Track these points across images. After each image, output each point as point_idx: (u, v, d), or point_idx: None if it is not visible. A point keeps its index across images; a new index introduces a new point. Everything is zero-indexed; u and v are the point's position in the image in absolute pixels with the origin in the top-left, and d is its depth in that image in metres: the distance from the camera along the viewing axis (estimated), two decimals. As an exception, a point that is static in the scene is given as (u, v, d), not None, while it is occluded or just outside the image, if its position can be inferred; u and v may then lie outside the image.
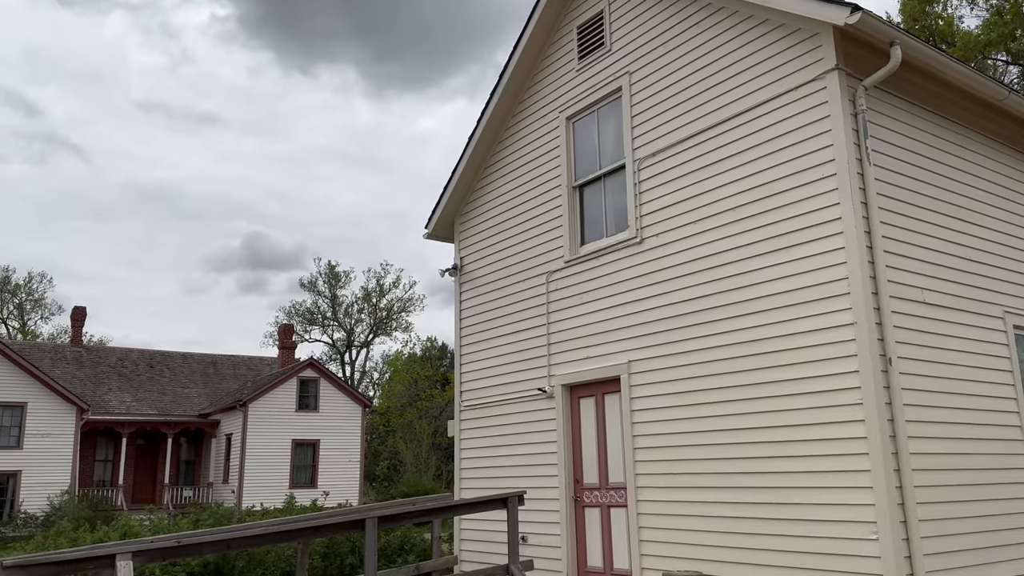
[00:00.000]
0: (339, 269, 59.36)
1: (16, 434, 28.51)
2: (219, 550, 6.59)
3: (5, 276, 56.16)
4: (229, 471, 33.46)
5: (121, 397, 33.88)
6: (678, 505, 8.13)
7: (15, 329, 56.09)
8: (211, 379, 38.04)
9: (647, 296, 8.79)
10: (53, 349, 36.86)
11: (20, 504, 27.80)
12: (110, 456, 34.16)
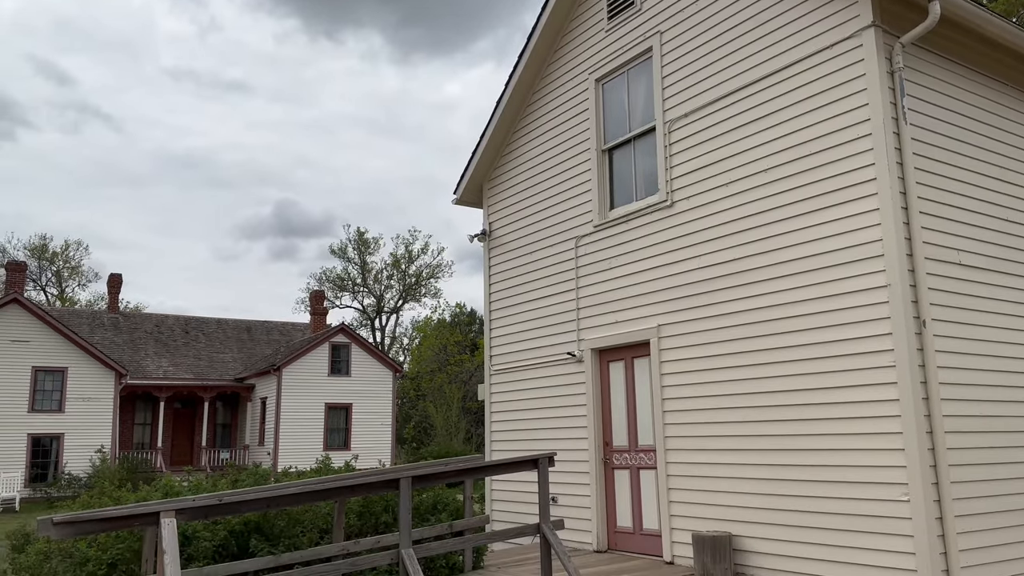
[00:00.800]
0: (368, 236, 59.79)
1: (58, 398, 29.34)
2: (259, 508, 6.76)
3: (43, 244, 57.30)
4: (264, 434, 34.21)
5: (158, 362, 34.66)
6: (707, 467, 8.19)
7: (54, 296, 57.37)
8: (245, 344, 38.72)
9: (677, 260, 8.77)
10: (91, 315, 37.69)
11: (64, 466, 28.71)
12: (148, 420, 35.06)
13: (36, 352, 28.95)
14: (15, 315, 28.85)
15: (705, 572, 7.54)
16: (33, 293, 53.51)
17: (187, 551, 6.87)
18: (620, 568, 8.22)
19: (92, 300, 58.07)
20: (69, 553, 6.85)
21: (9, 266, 31.18)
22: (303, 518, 7.86)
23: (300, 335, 40.24)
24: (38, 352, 28.99)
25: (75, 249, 58.99)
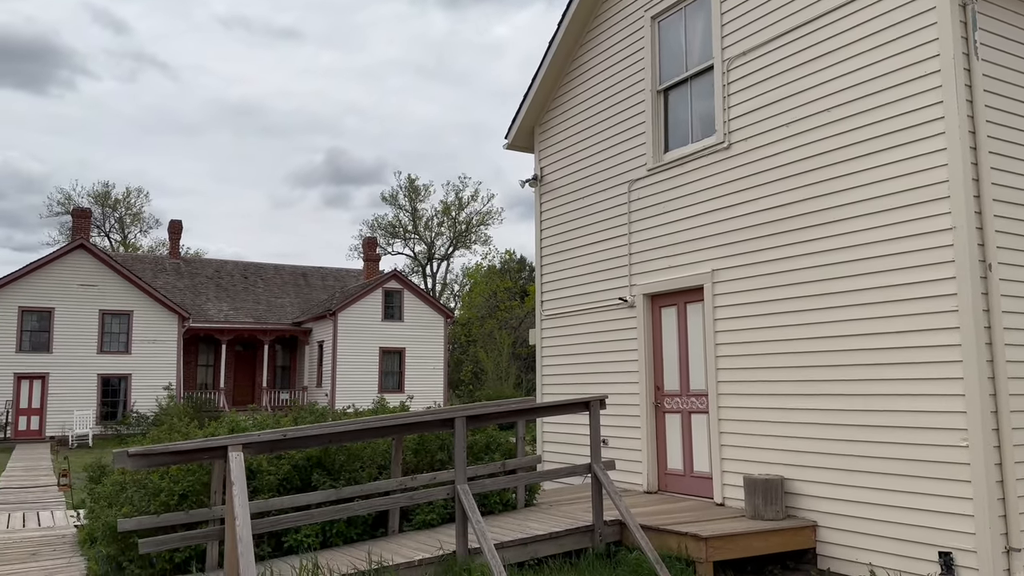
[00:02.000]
0: (419, 183, 59.99)
1: (125, 340, 30.53)
2: (321, 444, 7.02)
3: (105, 191, 58.95)
4: (322, 376, 35.19)
5: (219, 306, 35.71)
6: (760, 412, 8.18)
7: (117, 242, 59.20)
8: (302, 289, 39.58)
9: (733, 204, 8.63)
10: (153, 261, 38.87)
11: (132, 404, 30.02)
12: (211, 361, 36.33)
13: (103, 296, 30.06)
14: (82, 260, 29.92)
15: (756, 514, 7.60)
16: (98, 239, 55.29)
17: (252, 484, 7.19)
18: (670, 508, 8.34)
19: (154, 246, 59.78)
20: (143, 484, 7.23)
21: (75, 212, 32.22)
22: (362, 454, 8.13)
23: (354, 281, 40.93)
24: (105, 296, 30.10)
25: (136, 196, 60.59)
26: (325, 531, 7.36)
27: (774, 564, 7.43)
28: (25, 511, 11.42)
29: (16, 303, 28.58)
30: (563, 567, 7.17)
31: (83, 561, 7.54)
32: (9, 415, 27.91)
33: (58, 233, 57.39)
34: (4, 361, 28.21)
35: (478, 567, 6.58)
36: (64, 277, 29.47)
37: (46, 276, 29.22)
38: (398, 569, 6.49)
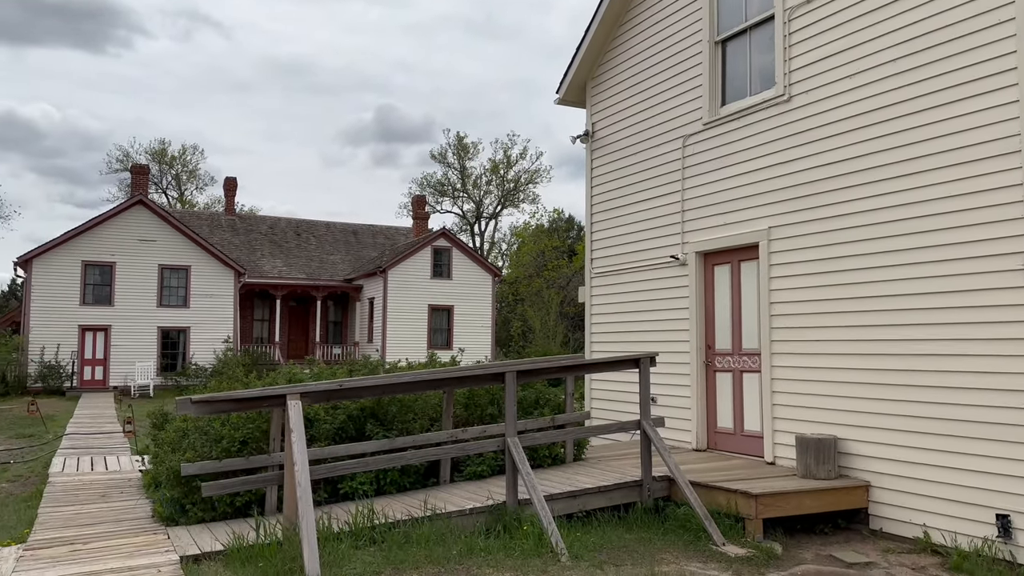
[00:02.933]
0: (467, 141, 59.76)
1: (183, 294, 31.37)
2: (375, 394, 7.18)
3: (162, 149, 60.12)
4: (372, 332, 35.78)
5: (273, 262, 36.41)
6: (814, 371, 8.07)
7: (174, 199, 60.51)
8: (352, 247, 40.06)
9: (793, 158, 8.41)
10: (209, 217, 39.68)
11: (191, 357, 30.96)
12: (266, 316, 37.18)
13: (161, 251, 30.86)
14: (141, 216, 30.69)
15: (807, 473, 7.54)
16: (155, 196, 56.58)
17: (309, 433, 7.39)
18: (720, 466, 8.33)
19: (209, 203, 60.95)
20: (204, 431, 7.49)
21: (133, 169, 32.97)
22: (414, 406, 8.28)
23: (403, 239, 41.25)
24: (163, 251, 30.90)
25: (192, 153, 61.65)
26: (379, 479, 7.55)
27: (825, 523, 7.40)
28: (93, 456, 11.93)
29: (79, 257, 29.52)
30: (611, 520, 7.25)
31: (148, 503, 7.88)
32: (75, 365, 29.05)
33: (117, 190, 58.93)
34: (69, 313, 29.27)
35: (528, 517, 6.69)
36: (124, 232, 30.30)
37: (107, 231, 30.08)
38: (450, 516, 6.64)
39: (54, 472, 10.24)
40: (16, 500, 9.50)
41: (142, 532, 6.58)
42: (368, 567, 5.63)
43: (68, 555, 5.82)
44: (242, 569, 5.57)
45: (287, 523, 6.12)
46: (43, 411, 20.74)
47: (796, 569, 6.10)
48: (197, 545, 6.08)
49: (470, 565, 5.79)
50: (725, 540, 6.63)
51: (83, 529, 6.73)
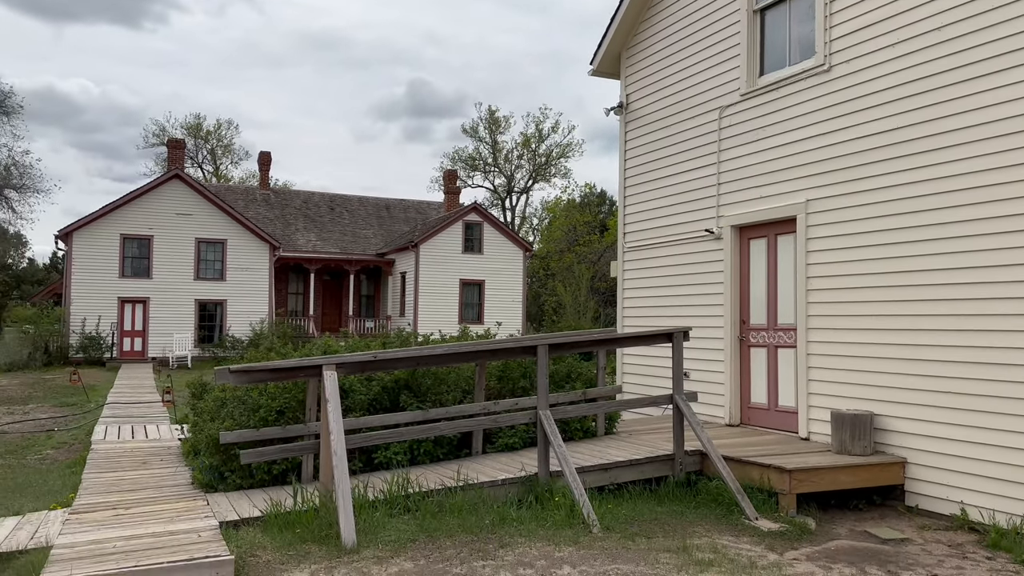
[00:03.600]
0: (499, 114, 59.48)
1: (219, 268, 31.81)
2: (409, 366, 7.23)
3: (197, 123, 60.71)
4: (404, 306, 36.03)
5: (307, 236, 36.74)
6: (851, 346, 7.96)
7: (209, 173, 61.19)
8: (385, 221, 40.25)
9: (832, 130, 8.24)
10: (245, 192, 40.08)
11: (228, 329, 31.46)
12: (300, 289, 37.61)
13: (198, 224, 31.27)
14: (177, 190, 31.08)
15: (843, 448, 7.47)
16: (191, 170, 57.23)
17: (344, 403, 7.48)
18: (753, 441, 8.28)
19: (244, 177, 61.57)
20: (242, 400, 7.61)
21: (169, 143, 33.35)
22: (447, 378, 8.33)
23: (435, 213, 41.33)
24: (200, 225, 31.31)
25: (226, 128, 62.18)
26: (413, 449, 7.64)
27: (859, 499, 7.34)
28: (133, 424, 12.22)
29: (118, 231, 30.03)
30: (643, 493, 7.26)
31: (188, 471, 8.05)
32: (115, 337, 29.69)
33: (154, 164, 59.72)
34: (108, 286, 29.85)
35: (559, 489, 6.73)
36: (161, 206, 30.73)
37: (144, 205, 30.52)
38: (483, 487, 6.69)
39: (96, 439, 10.51)
40: (61, 466, 9.79)
41: (182, 498, 6.73)
42: (402, 534, 5.71)
43: (111, 519, 5.98)
44: (280, 535, 5.68)
45: (323, 490, 6.22)
46: (84, 381, 21.28)
47: (830, 544, 6.07)
48: (236, 511, 6.21)
49: (503, 534, 5.85)
50: (758, 515, 6.61)
51: (125, 494, 6.91)
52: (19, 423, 14.20)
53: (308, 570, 5.07)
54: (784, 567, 5.36)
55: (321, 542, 5.55)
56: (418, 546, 5.55)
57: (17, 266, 60.45)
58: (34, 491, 7.95)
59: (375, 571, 5.05)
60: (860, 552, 5.88)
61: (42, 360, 27.77)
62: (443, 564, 5.21)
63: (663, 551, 5.59)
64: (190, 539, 5.32)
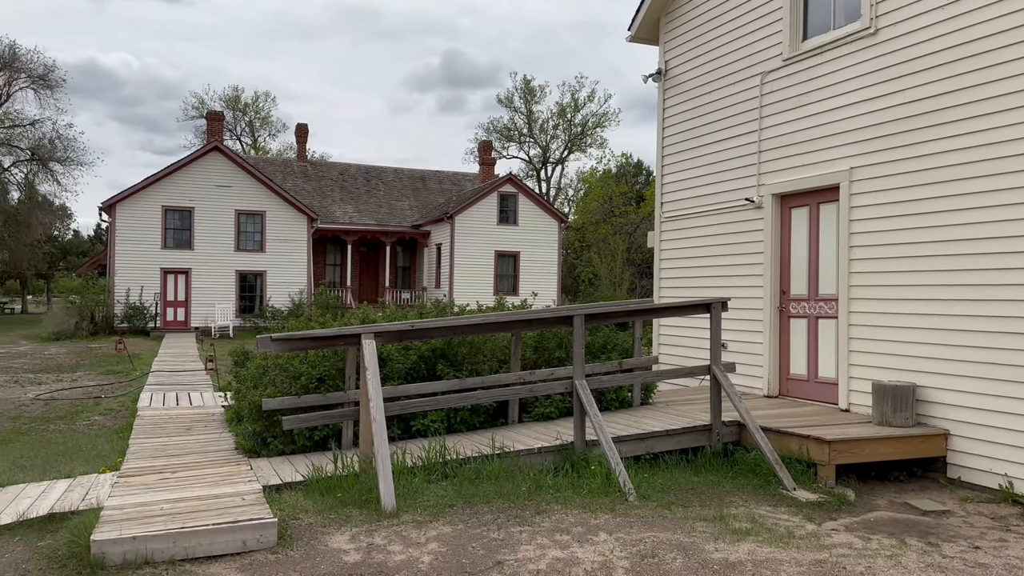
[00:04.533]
0: (534, 84, 58.95)
1: (259, 239, 32.25)
2: (446, 335, 7.28)
3: (235, 96, 61.24)
4: (440, 277, 36.22)
5: (344, 208, 37.02)
6: (894, 317, 7.81)
7: (248, 145, 61.81)
8: (420, 193, 40.36)
9: (878, 95, 8.02)
10: (282, 164, 40.43)
11: (268, 300, 31.96)
12: (338, 261, 38.00)
13: (237, 196, 31.67)
14: (217, 162, 31.47)
15: (883, 420, 7.38)
16: (230, 142, 57.86)
17: (382, 372, 7.56)
18: (792, 412, 8.21)
19: (282, 149, 62.10)
20: (284, 368, 7.75)
21: (208, 116, 33.71)
22: (483, 348, 8.38)
23: (470, 185, 41.30)
24: (239, 196, 31.70)
25: (264, 100, 62.65)
26: (450, 418, 7.72)
27: (900, 471, 7.26)
28: (178, 392, 12.52)
29: (159, 202, 30.55)
30: (679, 464, 7.26)
31: (231, 437, 8.24)
32: (158, 307, 30.35)
33: (194, 136, 60.50)
34: (151, 257, 30.46)
35: (595, 457, 6.76)
36: (201, 178, 31.16)
37: (185, 177, 30.97)
38: (519, 455, 6.75)
39: (142, 406, 10.80)
40: (108, 432, 10.08)
41: (226, 463, 6.90)
42: (441, 500, 5.80)
43: (158, 482, 6.16)
44: (321, 499, 5.80)
45: (363, 456, 6.33)
46: (129, 350, 21.82)
47: (869, 515, 6.02)
48: (278, 475, 6.35)
49: (539, 501, 5.90)
50: (796, 485, 6.57)
51: (171, 459, 7.10)
52: (68, 390, 14.64)
53: (349, 533, 5.18)
54: (822, 537, 5.33)
55: (361, 506, 5.65)
56: (456, 511, 5.63)
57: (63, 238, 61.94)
58: (84, 455, 8.20)
59: (414, 535, 5.14)
60: (900, 523, 5.82)
61: (88, 329, 28.53)
62: (481, 529, 5.28)
63: (699, 520, 5.60)
64: (234, 502, 5.46)
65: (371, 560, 4.72)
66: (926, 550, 5.16)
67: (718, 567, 4.67)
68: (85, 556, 4.63)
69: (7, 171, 47.01)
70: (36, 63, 45.67)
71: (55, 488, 6.40)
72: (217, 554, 4.80)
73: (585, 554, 4.84)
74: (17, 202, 48.30)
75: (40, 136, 46.55)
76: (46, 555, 4.82)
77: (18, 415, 11.78)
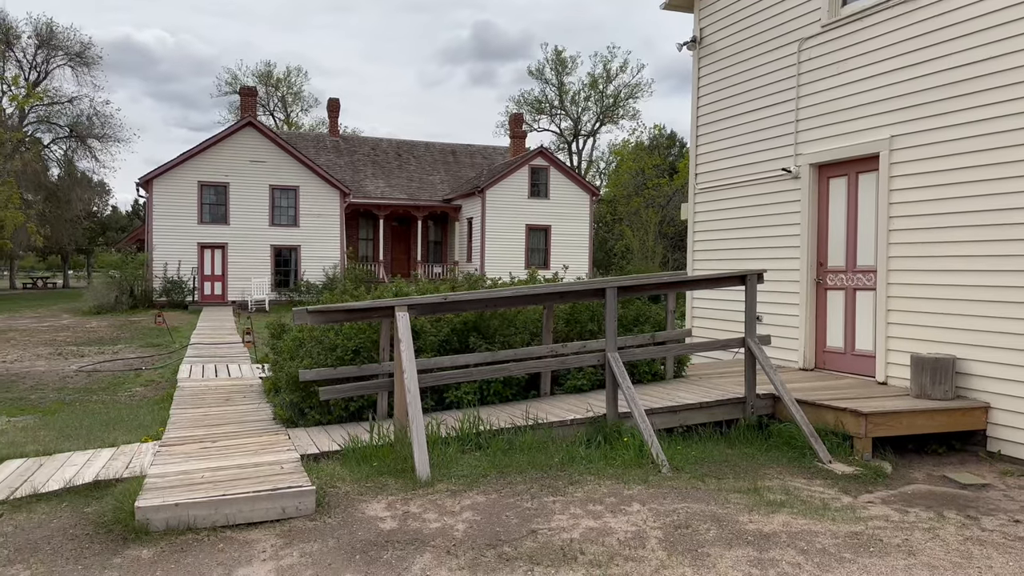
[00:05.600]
0: (565, 55, 58.33)
1: (292, 214, 32.53)
2: (478, 308, 7.30)
3: (268, 71, 61.52)
4: (471, 251, 36.28)
5: (375, 183, 37.15)
6: (934, 288, 7.66)
7: (281, 121, 62.18)
8: (451, 167, 40.33)
9: (919, 61, 7.80)
10: (315, 139, 40.63)
11: (302, 274, 32.31)
12: (370, 235, 38.23)
13: (271, 171, 31.92)
14: (250, 137, 31.70)
15: (922, 393, 7.27)
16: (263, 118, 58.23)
17: (416, 344, 7.62)
18: (828, 385, 8.13)
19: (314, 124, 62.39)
20: (319, 340, 7.85)
21: (242, 91, 33.90)
22: (515, 321, 8.39)
23: (500, 158, 41.15)
24: (273, 172, 31.95)
25: (296, 75, 62.88)
26: (482, 389, 7.77)
27: (938, 444, 7.16)
28: (216, 364, 12.75)
29: (195, 178, 30.91)
30: (712, 436, 7.24)
31: (269, 407, 8.38)
32: (195, 281, 30.85)
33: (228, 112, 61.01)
34: (188, 232, 30.90)
35: (627, 429, 6.76)
36: (236, 153, 31.43)
37: (220, 153, 31.27)
38: (551, 426, 6.78)
39: (182, 378, 11.02)
40: (149, 402, 10.32)
41: (264, 433, 7.03)
42: (474, 469, 5.85)
43: (199, 451, 6.30)
44: (357, 468, 5.89)
45: (398, 426, 6.41)
46: (168, 323, 22.25)
47: (906, 488, 5.96)
48: (315, 445, 6.46)
49: (572, 472, 5.93)
50: (831, 458, 6.52)
51: (211, 429, 7.25)
52: (110, 362, 15.00)
53: (385, 501, 5.26)
54: (858, 509, 5.29)
55: (397, 475, 5.73)
56: (490, 481, 5.68)
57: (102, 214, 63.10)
58: (126, 425, 8.42)
59: (449, 503, 5.21)
60: (938, 496, 5.75)
61: (128, 303, 29.13)
62: (514, 499, 5.33)
63: (733, 492, 5.59)
64: (273, 471, 5.56)
65: (407, 527, 4.79)
66: (965, 523, 5.10)
67: (752, 538, 4.67)
68: (129, 522, 4.76)
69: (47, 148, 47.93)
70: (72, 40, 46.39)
71: (99, 456, 6.58)
72: (257, 521, 4.91)
73: (618, 524, 4.87)
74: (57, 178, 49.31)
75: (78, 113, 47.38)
76: (92, 520, 4.97)
77: (62, 386, 12.11)
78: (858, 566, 4.30)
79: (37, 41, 45.41)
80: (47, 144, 48.05)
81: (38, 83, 45.38)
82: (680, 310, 12.43)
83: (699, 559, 4.36)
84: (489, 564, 4.28)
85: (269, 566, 4.28)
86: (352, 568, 4.24)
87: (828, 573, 4.20)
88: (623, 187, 47.08)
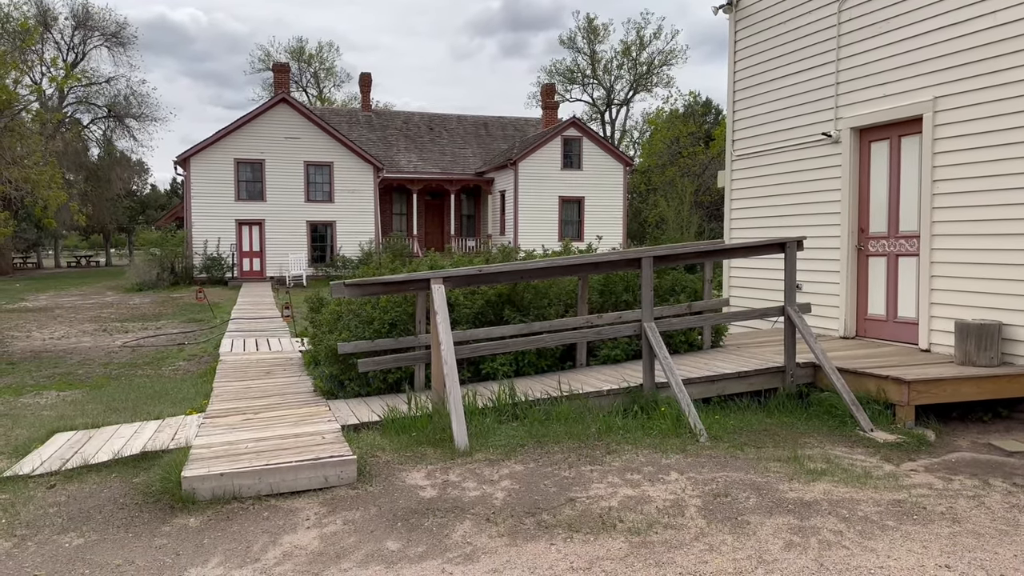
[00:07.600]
0: (597, 23, 57.54)
1: (327, 189, 32.75)
2: (512, 279, 7.31)
3: (300, 47, 61.67)
4: (504, 224, 36.24)
5: (408, 157, 37.20)
6: (978, 253, 7.48)
7: (313, 96, 62.42)
8: (483, 140, 40.19)
9: (964, 19, 7.54)
10: (348, 114, 40.73)
11: (338, 249, 32.60)
12: (403, 210, 38.38)
13: (306, 148, 32.12)
14: (284, 114, 31.89)
15: (967, 360, 7.12)
16: (296, 94, 58.51)
17: (451, 317, 7.66)
18: (870, 353, 8.01)
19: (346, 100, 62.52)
20: (357, 313, 7.93)
21: (275, 68, 34.07)
22: (549, 292, 8.38)
23: (533, 130, 40.87)
24: (307, 148, 32.15)
25: (328, 51, 62.96)
26: (518, 361, 7.79)
27: (984, 411, 7.03)
28: (257, 338, 12.96)
29: (231, 155, 31.24)
30: (751, 406, 7.18)
31: (309, 380, 8.51)
32: (234, 257, 31.31)
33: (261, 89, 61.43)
34: (226, 209, 31.31)
35: (664, 399, 6.74)
36: (270, 130, 31.66)
37: (255, 130, 31.52)
38: (587, 397, 6.79)
39: (223, 352, 11.22)
40: (193, 376, 10.55)
41: (305, 404, 7.14)
42: (511, 440, 5.89)
43: (242, 423, 6.42)
44: (397, 438, 5.97)
45: (436, 398, 6.47)
46: (209, 299, 22.65)
47: (950, 456, 5.86)
48: (355, 416, 6.55)
49: (609, 441, 5.94)
50: (873, 426, 6.44)
51: (253, 401, 7.38)
52: (153, 337, 15.34)
53: (425, 470, 5.33)
54: (901, 478, 5.23)
55: (435, 445, 5.80)
56: (527, 450, 5.72)
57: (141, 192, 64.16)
58: (171, 398, 8.62)
59: (487, 472, 5.26)
60: (983, 464, 5.66)
61: (169, 280, 29.69)
62: (552, 468, 5.35)
63: (773, 460, 5.55)
64: (315, 441, 5.66)
65: (447, 495, 4.85)
66: (1011, 491, 5.01)
67: (793, 506, 4.64)
68: (176, 491, 4.89)
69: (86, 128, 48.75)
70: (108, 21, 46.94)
71: (146, 429, 6.75)
72: (300, 489, 5.01)
73: (656, 492, 4.87)
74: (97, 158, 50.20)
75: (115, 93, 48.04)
76: (141, 490, 5.11)
77: (108, 361, 12.43)
78: (901, 533, 4.26)
79: (74, 22, 46.02)
80: (86, 124, 48.87)
81: (76, 64, 46.05)
82: (717, 280, 12.31)
83: (739, 527, 4.35)
84: (528, 531, 4.31)
85: (313, 533, 4.37)
86: (394, 535, 4.32)
87: (870, 540, 4.17)
88: (657, 156, 46.48)
